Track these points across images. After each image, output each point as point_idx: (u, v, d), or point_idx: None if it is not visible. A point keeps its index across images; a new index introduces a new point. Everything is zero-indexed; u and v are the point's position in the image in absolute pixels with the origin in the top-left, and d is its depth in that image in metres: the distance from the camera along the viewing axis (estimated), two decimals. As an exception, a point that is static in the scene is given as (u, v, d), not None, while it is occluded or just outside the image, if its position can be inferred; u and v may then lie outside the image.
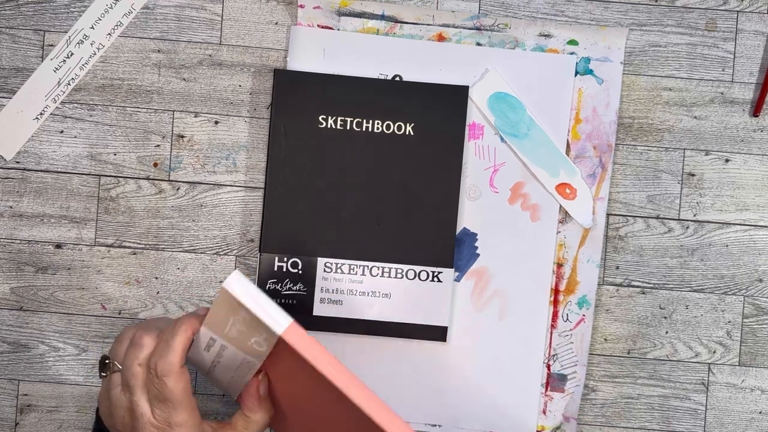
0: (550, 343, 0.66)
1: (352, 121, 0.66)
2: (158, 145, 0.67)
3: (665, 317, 0.67)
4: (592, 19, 0.67)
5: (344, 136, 0.66)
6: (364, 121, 0.66)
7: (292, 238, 0.66)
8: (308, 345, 0.49)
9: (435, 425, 0.67)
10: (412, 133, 0.66)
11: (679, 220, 0.67)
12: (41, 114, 0.67)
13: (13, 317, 0.67)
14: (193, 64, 0.67)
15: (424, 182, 0.66)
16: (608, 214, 0.67)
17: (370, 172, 0.66)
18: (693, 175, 0.67)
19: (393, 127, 0.66)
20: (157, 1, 0.67)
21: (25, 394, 0.68)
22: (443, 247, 0.65)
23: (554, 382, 0.66)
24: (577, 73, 0.66)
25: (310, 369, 0.48)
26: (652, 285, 0.67)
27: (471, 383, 0.66)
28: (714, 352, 0.67)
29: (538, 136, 0.66)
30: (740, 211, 0.67)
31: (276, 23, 0.67)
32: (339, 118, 0.66)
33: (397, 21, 0.66)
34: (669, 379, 0.67)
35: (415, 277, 0.65)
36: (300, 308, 0.65)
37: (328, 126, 0.66)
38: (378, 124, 0.66)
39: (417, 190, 0.66)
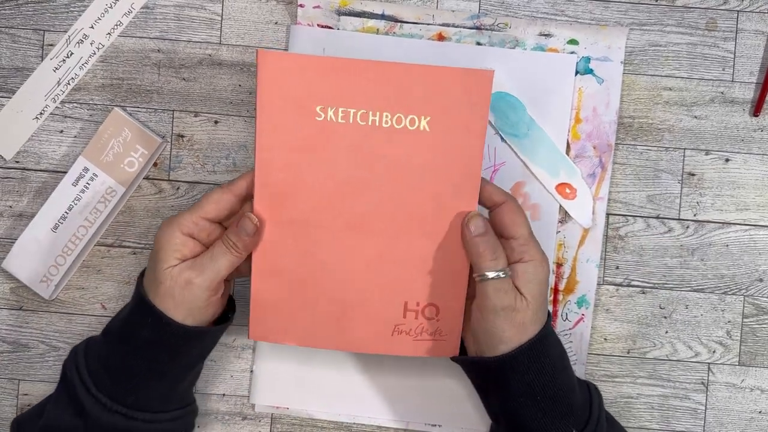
0: (550, 342, 0.66)
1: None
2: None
3: (665, 317, 0.67)
4: (592, 18, 0.67)
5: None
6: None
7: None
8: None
9: (435, 425, 0.67)
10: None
11: (679, 219, 0.67)
12: (41, 114, 0.67)
13: (13, 317, 0.67)
14: (192, 64, 0.67)
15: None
16: (608, 214, 0.67)
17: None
18: (693, 174, 0.67)
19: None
20: (157, 1, 0.67)
21: (26, 394, 0.68)
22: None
23: (554, 381, 0.66)
24: (577, 72, 0.66)
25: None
26: (652, 285, 0.67)
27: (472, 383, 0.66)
28: (714, 351, 0.67)
29: (538, 136, 0.66)
30: (740, 211, 0.67)
31: (276, 23, 0.67)
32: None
33: (397, 20, 0.66)
34: (669, 378, 0.67)
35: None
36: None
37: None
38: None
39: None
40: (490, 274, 0.55)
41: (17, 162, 0.67)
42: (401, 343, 0.59)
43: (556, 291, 0.67)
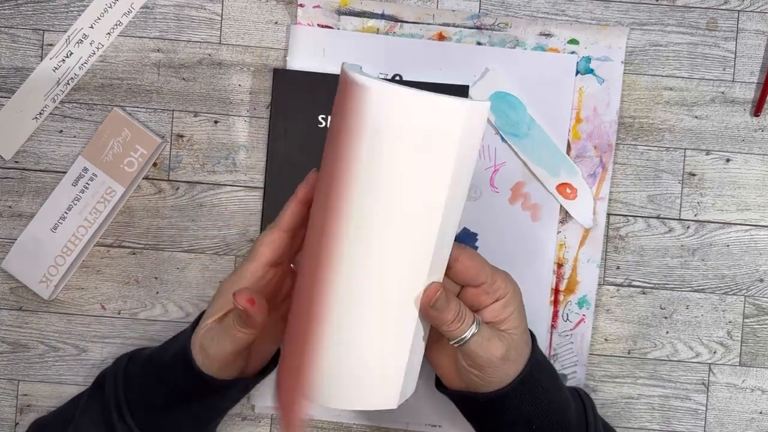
0: (550, 343, 0.66)
1: None
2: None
3: (666, 317, 0.67)
4: (592, 18, 0.67)
5: None
6: None
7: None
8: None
9: (435, 425, 0.67)
10: None
11: (679, 220, 0.67)
12: (40, 113, 0.67)
13: (12, 317, 0.67)
14: (192, 64, 0.67)
15: None
16: (609, 214, 0.67)
17: None
18: (694, 174, 0.67)
19: None
20: (157, 1, 0.67)
21: (25, 394, 0.67)
22: None
23: (554, 382, 0.66)
24: (577, 72, 0.66)
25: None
26: (652, 285, 0.67)
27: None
28: (714, 352, 0.67)
29: (539, 136, 0.66)
30: (741, 211, 0.67)
31: (276, 22, 0.67)
32: None
33: (397, 20, 0.66)
34: (669, 379, 0.67)
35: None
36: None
37: (328, 126, 0.64)
38: None
39: None
40: (467, 335, 0.52)
41: (16, 162, 0.67)
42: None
43: (556, 291, 0.66)
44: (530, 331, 0.56)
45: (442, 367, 0.58)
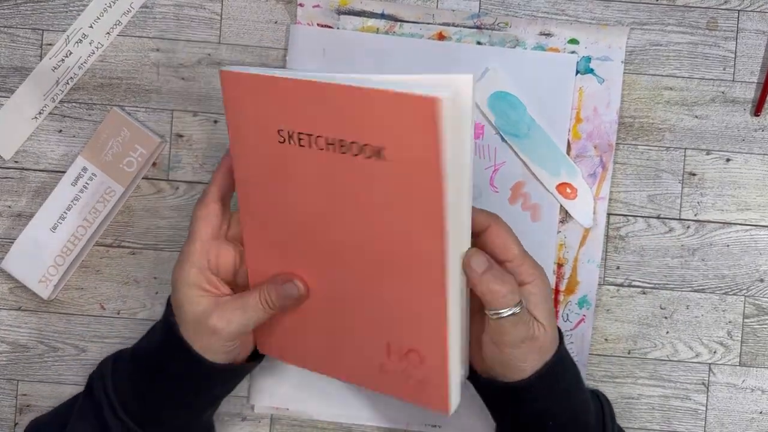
0: (551, 343, 0.66)
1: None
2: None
3: (666, 317, 0.67)
4: (592, 18, 0.67)
5: None
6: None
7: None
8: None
9: (435, 425, 0.67)
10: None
11: (680, 219, 0.67)
12: (40, 113, 0.67)
13: (12, 317, 0.67)
14: (192, 63, 0.67)
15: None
16: (609, 214, 0.67)
17: None
18: (694, 174, 0.67)
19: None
20: (156, 0, 0.67)
21: (24, 394, 0.67)
22: None
23: (554, 382, 0.66)
24: (577, 72, 0.66)
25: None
26: (652, 285, 0.67)
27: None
28: (715, 352, 0.67)
29: (539, 136, 0.66)
30: (741, 211, 0.67)
31: (275, 22, 0.67)
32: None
33: (396, 20, 0.66)
34: (669, 379, 0.67)
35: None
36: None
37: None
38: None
39: None
40: (506, 312, 0.51)
41: (16, 162, 0.67)
42: (389, 382, 0.54)
43: (557, 292, 0.66)
44: (559, 329, 0.55)
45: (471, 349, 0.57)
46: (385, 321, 0.52)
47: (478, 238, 0.53)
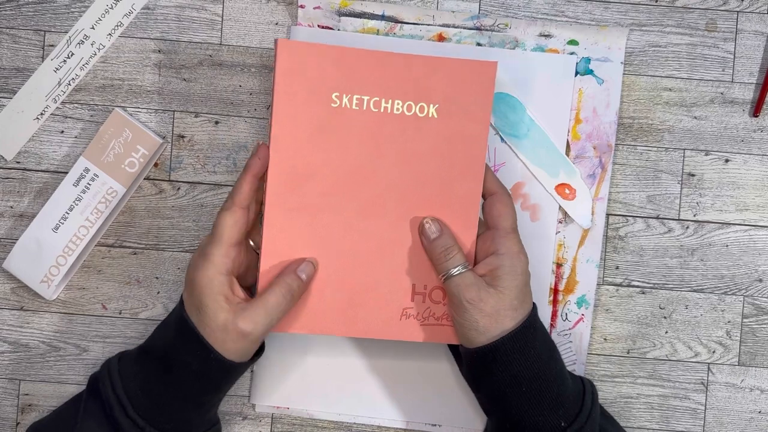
0: (550, 342, 0.67)
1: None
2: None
3: (665, 317, 0.67)
4: (592, 19, 0.67)
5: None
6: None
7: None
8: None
9: (435, 425, 0.67)
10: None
11: (679, 220, 0.67)
12: (42, 114, 0.67)
13: (13, 317, 0.68)
14: (193, 65, 0.67)
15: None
16: (608, 214, 0.67)
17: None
18: (693, 175, 0.67)
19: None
20: (158, 2, 0.67)
21: (26, 394, 0.68)
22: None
23: (554, 381, 0.66)
24: (577, 73, 0.66)
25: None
26: (651, 285, 0.67)
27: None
28: (713, 351, 0.67)
29: (538, 137, 0.66)
30: (740, 211, 0.67)
31: (276, 23, 0.67)
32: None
33: (397, 21, 0.66)
34: (668, 378, 0.67)
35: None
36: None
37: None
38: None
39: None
40: (453, 271, 0.57)
41: (18, 162, 0.67)
42: (408, 328, 0.60)
43: (555, 291, 0.67)
44: (534, 304, 0.58)
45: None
46: (414, 264, 0.59)
47: (485, 200, 0.60)
